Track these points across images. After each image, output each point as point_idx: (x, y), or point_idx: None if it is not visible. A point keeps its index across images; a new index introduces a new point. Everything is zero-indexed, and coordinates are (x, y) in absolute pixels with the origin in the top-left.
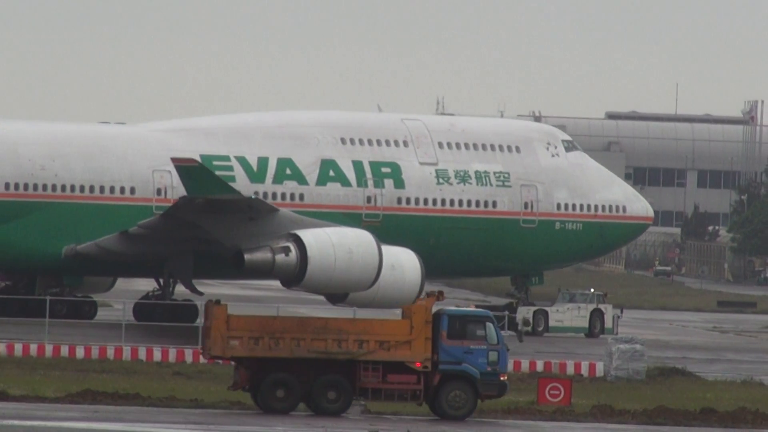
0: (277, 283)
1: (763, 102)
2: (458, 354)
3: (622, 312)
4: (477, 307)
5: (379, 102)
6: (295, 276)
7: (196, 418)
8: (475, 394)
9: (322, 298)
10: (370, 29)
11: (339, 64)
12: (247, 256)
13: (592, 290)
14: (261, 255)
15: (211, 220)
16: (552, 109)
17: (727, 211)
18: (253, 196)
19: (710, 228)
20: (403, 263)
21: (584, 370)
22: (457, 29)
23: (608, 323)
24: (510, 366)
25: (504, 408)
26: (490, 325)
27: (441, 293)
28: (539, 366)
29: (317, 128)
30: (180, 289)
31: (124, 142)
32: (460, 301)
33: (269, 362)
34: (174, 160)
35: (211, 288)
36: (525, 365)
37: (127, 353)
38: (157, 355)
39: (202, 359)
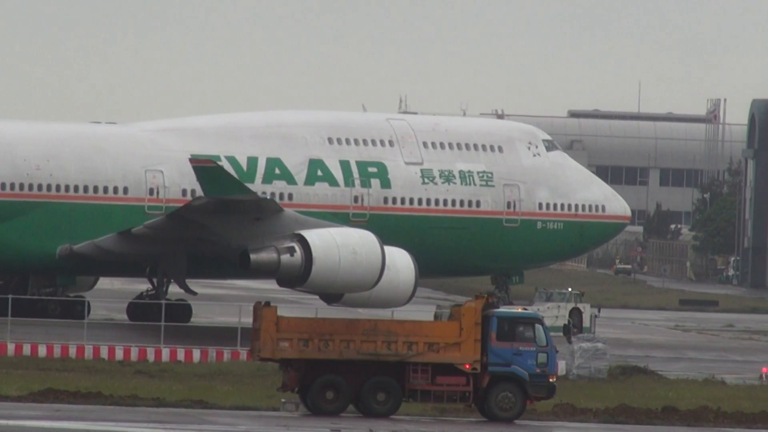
0: (242, 282)
1: (725, 101)
2: (507, 356)
3: (599, 311)
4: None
5: (339, 99)
6: (299, 276)
7: (158, 416)
8: (524, 395)
9: (299, 296)
10: (332, 27)
11: (301, 62)
12: (253, 256)
13: (570, 289)
14: (266, 255)
15: (218, 220)
16: (515, 108)
17: (690, 210)
18: (268, 197)
19: (672, 226)
20: (397, 263)
21: None
22: (419, 27)
23: (586, 322)
24: None
25: (462, 407)
26: (539, 327)
27: (491, 295)
28: None
29: (305, 128)
30: (173, 289)
31: (116, 142)
32: (422, 299)
33: (319, 364)
34: (192, 161)
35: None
36: None
37: (89, 352)
38: (119, 354)
39: (164, 357)
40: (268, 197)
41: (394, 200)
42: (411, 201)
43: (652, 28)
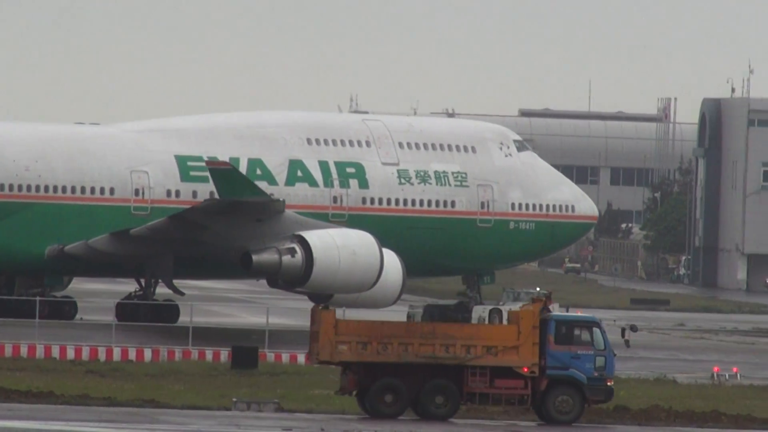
0: (203, 283)
1: (676, 100)
2: (565, 359)
3: (567, 310)
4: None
5: (290, 98)
6: (300, 277)
7: (109, 416)
8: (582, 399)
9: (251, 295)
10: (283, 27)
11: (249, 62)
12: (254, 257)
13: (538, 289)
14: (268, 256)
15: (220, 221)
16: (465, 107)
17: (640, 209)
18: (281, 199)
19: (623, 225)
20: (385, 264)
21: None
22: (370, 26)
23: None
24: None
25: None
26: (597, 331)
27: (548, 298)
28: None
29: (284, 129)
30: (161, 290)
31: (102, 143)
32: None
33: (377, 367)
34: (208, 163)
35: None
36: None
37: (40, 351)
38: (71, 353)
39: (115, 357)
40: (280, 199)
41: (372, 200)
42: (389, 201)
43: (602, 28)
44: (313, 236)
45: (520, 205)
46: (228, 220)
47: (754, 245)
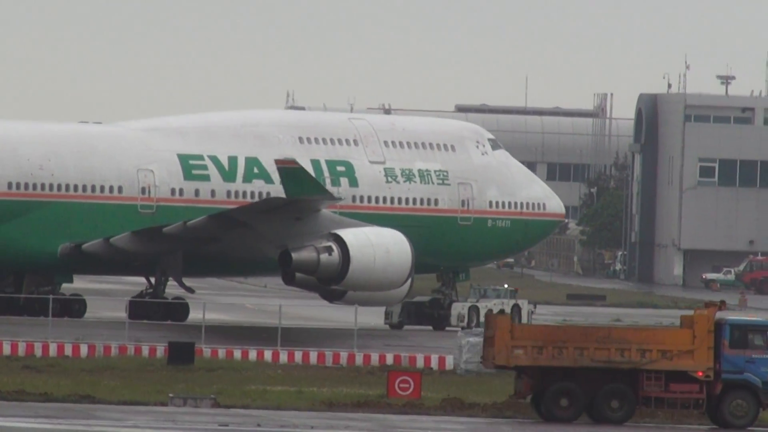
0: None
1: (612, 95)
2: (740, 363)
3: (535, 307)
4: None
5: (227, 95)
6: (337, 275)
7: (45, 411)
8: (758, 403)
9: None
10: (218, 22)
11: (187, 60)
12: (294, 255)
13: (506, 286)
14: (307, 254)
15: (264, 220)
16: (402, 102)
17: (577, 204)
18: (343, 197)
19: None
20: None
21: (434, 364)
22: (305, 22)
23: (524, 318)
24: (360, 359)
25: (353, 402)
26: None
27: (723, 303)
28: (389, 359)
29: (277, 127)
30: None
31: (109, 142)
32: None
33: (553, 371)
34: (278, 161)
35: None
36: (375, 358)
37: None
38: (7, 349)
39: (51, 352)
40: (342, 197)
41: (362, 199)
42: (377, 199)
43: (539, 22)
44: (349, 234)
45: (497, 203)
46: (268, 218)
47: (690, 241)
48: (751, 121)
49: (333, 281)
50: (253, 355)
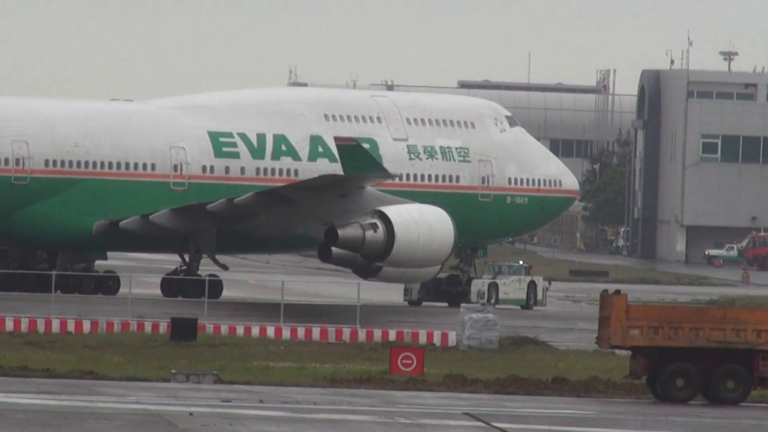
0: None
1: (615, 71)
2: None
3: (550, 284)
4: None
5: (229, 71)
6: (382, 252)
7: (48, 387)
8: None
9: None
10: (220, 0)
11: (187, 36)
12: (340, 232)
13: (521, 262)
14: (352, 231)
15: (309, 197)
16: (404, 78)
17: (579, 180)
18: (397, 175)
19: None
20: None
21: (437, 340)
22: None
23: (539, 295)
24: (362, 335)
25: (356, 378)
26: None
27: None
28: (392, 335)
29: (303, 105)
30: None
31: (141, 120)
32: (314, 270)
33: (668, 352)
34: (337, 139)
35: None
36: (378, 335)
37: None
38: (9, 325)
39: (54, 328)
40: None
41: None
42: (400, 176)
43: None
44: (393, 212)
45: (515, 180)
46: (314, 195)
47: (693, 217)
48: (754, 97)
49: (377, 258)
50: (255, 331)
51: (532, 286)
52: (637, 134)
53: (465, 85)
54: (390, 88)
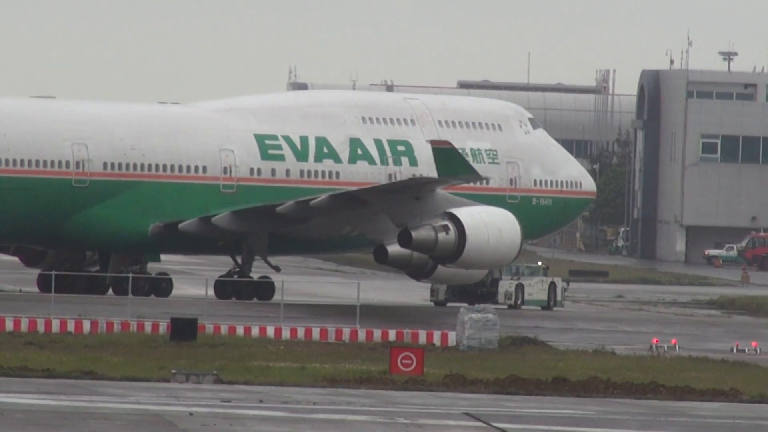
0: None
1: (614, 71)
2: None
3: (568, 285)
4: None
5: (230, 71)
6: (453, 254)
7: (48, 388)
8: None
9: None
10: (221, 0)
11: (189, 37)
12: (414, 234)
13: (540, 263)
14: (425, 233)
15: (385, 199)
16: (404, 79)
17: None
18: (489, 177)
19: None
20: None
21: (436, 340)
22: None
23: (558, 296)
24: (362, 335)
25: (355, 378)
26: None
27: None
28: (391, 335)
29: (341, 108)
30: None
31: (192, 122)
32: (312, 270)
33: None
34: (432, 142)
35: None
36: (377, 334)
37: None
38: (9, 325)
39: (54, 328)
40: (487, 177)
41: (421, 177)
42: None
43: None
44: (463, 214)
45: (540, 181)
46: (390, 197)
47: (693, 217)
48: (754, 97)
49: (448, 260)
50: (255, 331)
51: (552, 287)
52: (636, 134)
53: (465, 85)
54: (390, 88)
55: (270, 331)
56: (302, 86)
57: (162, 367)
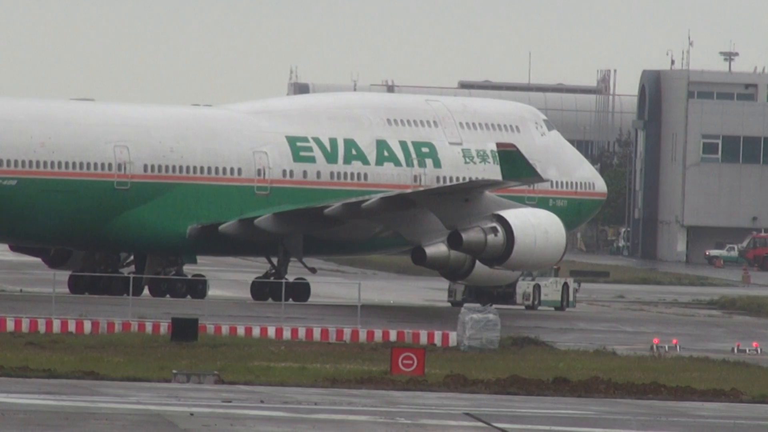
0: None
1: (615, 71)
2: None
3: (579, 285)
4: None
5: (231, 72)
6: (501, 255)
7: (49, 388)
8: None
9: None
10: (221, 1)
11: (190, 38)
12: (464, 236)
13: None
14: (475, 235)
15: (435, 201)
16: (405, 79)
17: None
18: (547, 180)
19: None
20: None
21: (437, 340)
22: None
23: (570, 296)
24: (363, 335)
25: (356, 378)
26: None
27: None
28: (392, 335)
29: (367, 109)
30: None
31: (226, 125)
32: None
33: None
34: (499, 144)
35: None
36: (378, 335)
37: None
38: (10, 325)
39: (55, 329)
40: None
41: (444, 179)
42: (457, 179)
43: None
44: (511, 216)
45: (556, 182)
46: (444, 199)
47: (694, 217)
48: (755, 97)
49: (496, 261)
50: (256, 331)
51: (565, 287)
52: (637, 134)
53: (465, 86)
54: (391, 88)
55: (271, 332)
56: (303, 86)
57: (163, 367)
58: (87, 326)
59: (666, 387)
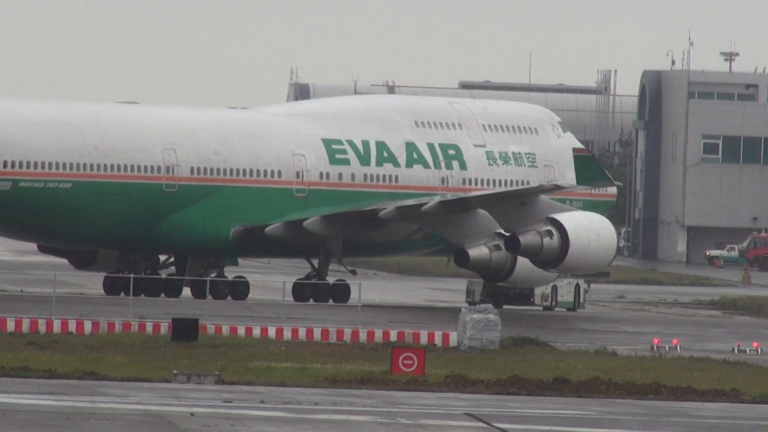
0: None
1: (616, 72)
2: None
3: (589, 286)
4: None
5: (232, 72)
6: (556, 258)
7: (49, 388)
8: None
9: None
10: (219, 1)
11: (191, 36)
12: (522, 239)
13: None
14: (532, 238)
15: (494, 205)
16: (406, 79)
17: None
18: (619, 185)
19: None
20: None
21: (438, 340)
22: None
23: (581, 297)
24: (363, 336)
25: (357, 378)
26: None
27: None
28: (393, 336)
29: (396, 112)
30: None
31: (265, 128)
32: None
33: None
34: (575, 150)
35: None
36: (378, 335)
37: None
38: (11, 326)
39: (55, 329)
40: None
41: (470, 181)
42: (482, 182)
43: None
44: (565, 219)
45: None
46: (502, 203)
47: (694, 217)
48: (755, 97)
49: (551, 264)
50: (257, 331)
51: (577, 288)
52: (638, 135)
53: (466, 86)
54: (391, 89)
55: (271, 332)
56: (303, 87)
57: (163, 367)
58: (87, 326)
59: (666, 387)
